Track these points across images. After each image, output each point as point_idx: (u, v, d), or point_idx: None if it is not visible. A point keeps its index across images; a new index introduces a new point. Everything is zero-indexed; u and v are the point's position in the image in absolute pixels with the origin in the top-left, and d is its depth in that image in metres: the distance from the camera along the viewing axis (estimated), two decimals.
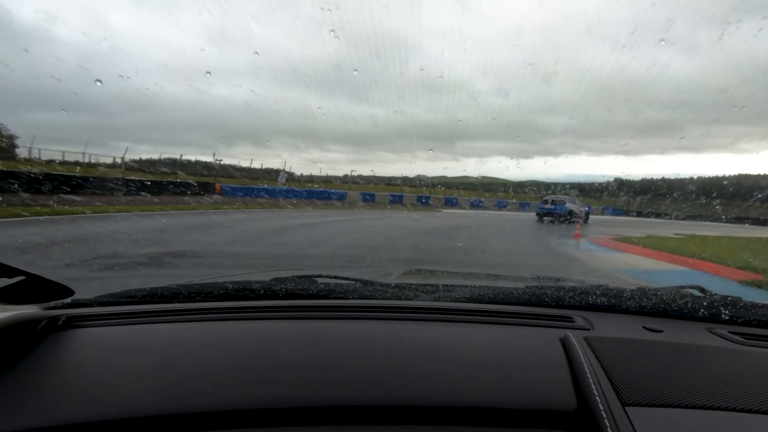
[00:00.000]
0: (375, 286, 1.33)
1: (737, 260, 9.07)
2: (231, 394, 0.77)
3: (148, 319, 1.05)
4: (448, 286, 1.37)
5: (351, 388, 0.78)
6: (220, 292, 1.24)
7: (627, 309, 1.22)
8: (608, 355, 0.87)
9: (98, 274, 5.52)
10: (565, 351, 0.92)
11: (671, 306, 1.20)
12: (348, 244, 10.15)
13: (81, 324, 1.00)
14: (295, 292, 1.26)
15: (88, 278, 5.20)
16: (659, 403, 0.71)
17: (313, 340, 0.95)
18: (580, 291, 1.29)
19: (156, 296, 1.21)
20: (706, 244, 14.49)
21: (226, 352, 0.90)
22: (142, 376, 0.81)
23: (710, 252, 10.91)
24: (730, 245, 14.15)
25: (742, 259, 9.01)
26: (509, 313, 1.15)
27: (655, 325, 1.11)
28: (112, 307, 1.12)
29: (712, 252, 10.98)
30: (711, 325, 1.15)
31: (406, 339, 0.97)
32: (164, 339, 0.96)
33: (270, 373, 0.82)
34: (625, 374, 0.79)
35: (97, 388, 0.78)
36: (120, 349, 0.92)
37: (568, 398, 0.77)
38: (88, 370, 0.85)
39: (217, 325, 1.05)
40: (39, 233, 8.77)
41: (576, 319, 1.13)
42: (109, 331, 0.99)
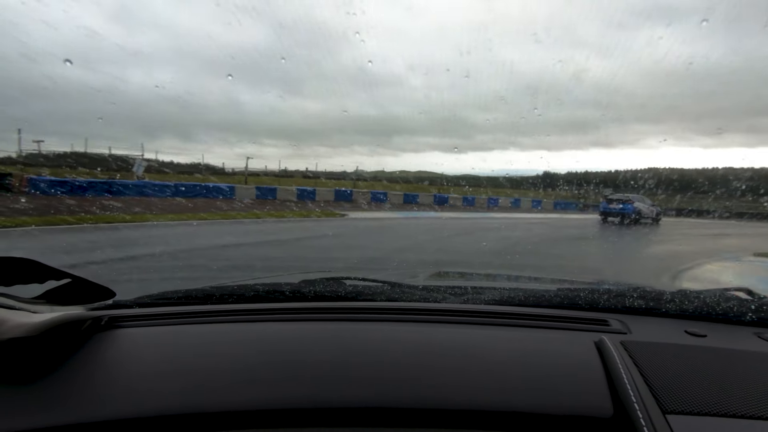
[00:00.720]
0: (402, 288, 1.33)
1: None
2: (261, 393, 0.78)
3: (183, 320, 1.08)
4: (476, 288, 1.36)
5: (378, 390, 0.78)
6: (251, 294, 1.26)
7: (667, 312, 1.17)
8: (647, 360, 0.84)
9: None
10: (600, 355, 0.89)
11: (716, 309, 1.15)
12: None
13: (122, 324, 1.03)
14: (323, 293, 1.27)
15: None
16: (702, 411, 0.68)
17: (341, 342, 0.96)
18: (616, 293, 1.25)
19: (190, 298, 1.24)
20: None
21: (257, 353, 0.92)
22: (178, 374, 0.84)
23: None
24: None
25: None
26: (541, 316, 1.13)
27: (698, 329, 1.06)
28: (150, 309, 1.15)
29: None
30: (760, 330, 1.09)
31: (434, 342, 0.96)
32: (198, 339, 0.99)
33: (298, 373, 0.83)
34: (666, 380, 0.76)
35: (137, 385, 0.82)
36: (157, 348, 0.95)
37: (603, 404, 0.75)
38: (129, 368, 0.88)
39: (248, 326, 1.06)
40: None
41: (611, 323, 1.10)
42: (148, 332, 1.02)
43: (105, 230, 10.60)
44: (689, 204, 26.42)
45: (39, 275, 0.92)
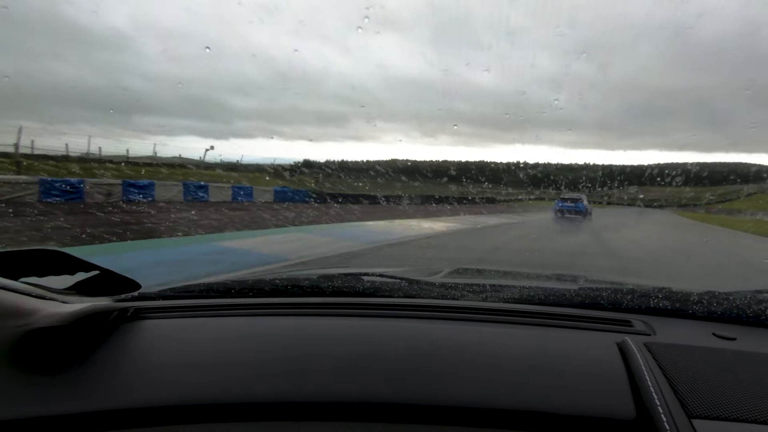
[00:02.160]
0: (421, 285, 1.33)
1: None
2: (278, 386, 0.79)
3: (205, 313, 1.11)
4: (495, 286, 1.34)
5: (395, 386, 0.78)
6: (270, 288, 1.29)
7: (693, 314, 1.13)
8: (672, 362, 0.82)
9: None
10: (622, 357, 0.87)
11: (746, 311, 1.11)
12: None
13: (146, 316, 1.07)
14: (342, 289, 1.28)
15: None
16: (730, 417, 0.66)
17: (358, 337, 0.96)
18: (640, 293, 1.22)
19: (212, 291, 1.28)
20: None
21: (275, 346, 0.93)
22: (198, 365, 0.87)
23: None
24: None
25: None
26: (561, 315, 1.11)
27: (727, 332, 1.02)
28: (173, 301, 1.19)
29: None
30: None
31: (452, 339, 0.96)
32: (218, 332, 1.02)
33: (315, 367, 0.84)
34: (692, 384, 0.74)
35: (160, 375, 0.84)
36: (179, 340, 0.98)
37: (626, 406, 0.73)
38: (152, 358, 0.91)
39: (266, 320, 1.08)
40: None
41: (635, 324, 1.07)
42: (170, 323, 1.06)
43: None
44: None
45: (69, 267, 0.96)
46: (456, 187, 33.01)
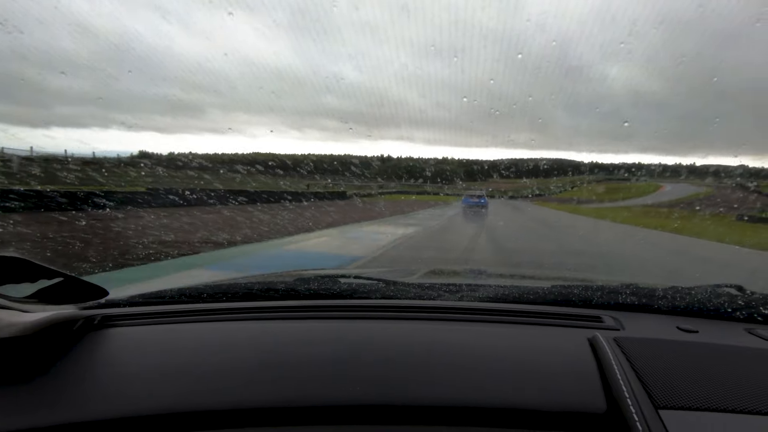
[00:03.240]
0: (398, 286, 1.33)
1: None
2: (256, 391, 0.78)
3: (176, 319, 1.07)
4: (471, 286, 1.36)
5: (373, 388, 0.79)
6: (245, 292, 1.25)
7: (659, 309, 1.18)
8: (640, 356, 0.85)
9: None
10: (593, 352, 0.90)
11: (707, 305, 1.16)
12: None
13: (115, 323, 1.03)
14: (318, 291, 1.26)
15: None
16: (694, 406, 0.69)
17: (336, 340, 0.96)
18: (609, 290, 1.27)
19: (184, 296, 1.23)
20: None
21: (250, 352, 0.91)
22: (171, 373, 0.84)
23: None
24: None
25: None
26: (534, 312, 1.14)
27: (690, 325, 1.07)
28: (143, 307, 1.15)
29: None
30: (750, 326, 1.10)
31: (429, 339, 0.97)
32: (191, 338, 0.99)
33: (293, 372, 0.83)
34: (658, 376, 0.77)
35: (130, 385, 0.81)
36: (151, 347, 0.95)
37: (597, 400, 0.75)
38: (122, 367, 0.87)
39: (242, 324, 1.06)
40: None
41: (605, 319, 1.11)
42: (140, 331, 1.02)
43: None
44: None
45: (30, 274, 0.91)
46: (308, 181, 31.82)
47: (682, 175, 56.35)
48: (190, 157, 25.68)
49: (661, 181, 61.54)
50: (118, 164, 22.52)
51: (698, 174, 54.60)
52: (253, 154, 29.09)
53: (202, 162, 20.89)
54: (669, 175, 56.12)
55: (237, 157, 27.91)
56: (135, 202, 15.27)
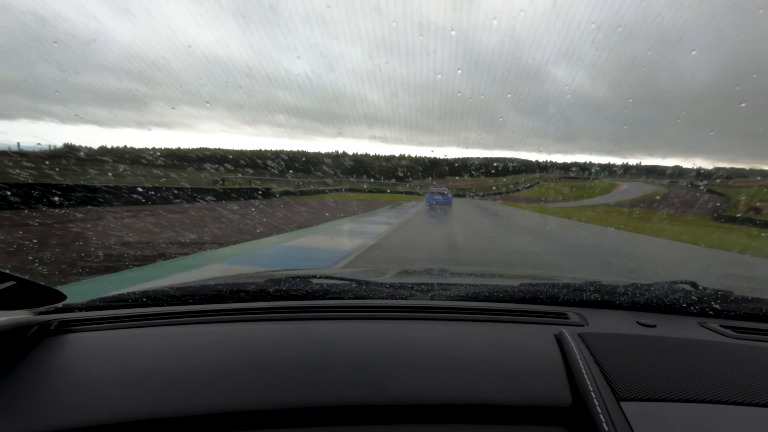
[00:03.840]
0: (370, 286, 1.34)
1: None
2: (225, 396, 0.76)
3: (140, 323, 1.04)
4: (443, 285, 1.38)
5: (347, 389, 0.78)
6: (214, 294, 1.22)
7: (620, 305, 1.24)
8: (603, 350, 0.88)
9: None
10: (560, 347, 0.93)
11: (664, 301, 1.22)
12: None
13: (73, 329, 0.98)
14: (290, 292, 1.25)
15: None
16: (653, 397, 0.72)
17: (308, 341, 0.95)
18: (574, 288, 1.31)
19: (148, 299, 1.19)
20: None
21: (220, 355, 0.89)
22: (135, 380, 0.81)
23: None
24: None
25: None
26: (504, 310, 1.17)
27: (649, 320, 1.13)
28: (104, 311, 1.10)
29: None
30: (703, 320, 1.17)
31: (402, 338, 0.98)
32: (157, 342, 0.95)
33: (265, 374, 0.82)
34: (620, 369, 0.80)
35: (90, 393, 0.78)
36: (112, 353, 0.91)
37: (563, 394, 0.78)
38: (81, 375, 0.84)
39: (210, 327, 1.03)
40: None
41: (570, 316, 1.15)
42: (102, 336, 0.98)
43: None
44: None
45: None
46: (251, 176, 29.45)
47: (630, 175, 58.57)
48: (121, 151, 23.69)
49: (615, 180, 63.33)
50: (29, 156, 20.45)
51: (648, 173, 57.42)
52: (199, 149, 27.68)
53: (123, 156, 19.24)
54: (620, 174, 58.28)
55: (179, 152, 26.20)
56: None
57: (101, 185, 15.43)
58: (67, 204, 13.56)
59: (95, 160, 18.09)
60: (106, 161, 16.00)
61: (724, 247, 12.15)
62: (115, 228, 9.55)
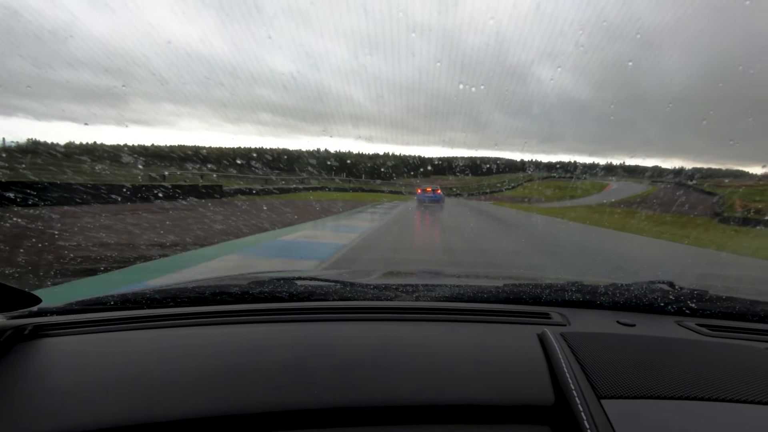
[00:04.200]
0: (355, 287, 1.33)
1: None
2: (208, 400, 0.75)
3: (120, 327, 1.01)
4: (427, 286, 1.38)
5: (332, 391, 0.78)
6: (196, 296, 1.20)
7: (601, 304, 1.26)
8: (584, 349, 0.90)
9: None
10: (542, 347, 0.94)
11: (642, 300, 1.25)
12: None
13: (49, 333, 0.96)
14: (274, 294, 1.24)
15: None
16: (632, 395, 0.74)
17: (293, 343, 0.95)
18: (557, 288, 1.33)
19: (128, 302, 1.16)
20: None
21: (203, 358, 0.88)
22: (115, 385, 0.79)
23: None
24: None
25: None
26: (488, 311, 1.18)
27: (628, 319, 1.15)
28: (82, 315, 1.07)
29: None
30: (680, 318, 1.20)
31: (387, 339, 0.98)
32: (137, 346, 0.93)
33: (249, 377, 0.81)
34: (600, 368, 0.81)
35: (67, 399, 0.75)
36: (91, 358, 0.89)
37: (546, 393, 0.79)
38: (57, 381, 0.81)
39: (193, 330, 1.01)
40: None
41: (553, 316, 1.16)
42: (79, 340, 0.95)
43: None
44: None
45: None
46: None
47: (616, 175, 58.15)
48: (91, 148, 22.69)
49: (599, 179, 62.44)
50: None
51: (630, 173, 57.60)
52: (179, 147, 26.68)
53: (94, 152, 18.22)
54: (602, 174, 57.94)
55: (153, 150, 25.10)
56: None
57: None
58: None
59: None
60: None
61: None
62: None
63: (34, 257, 5.72)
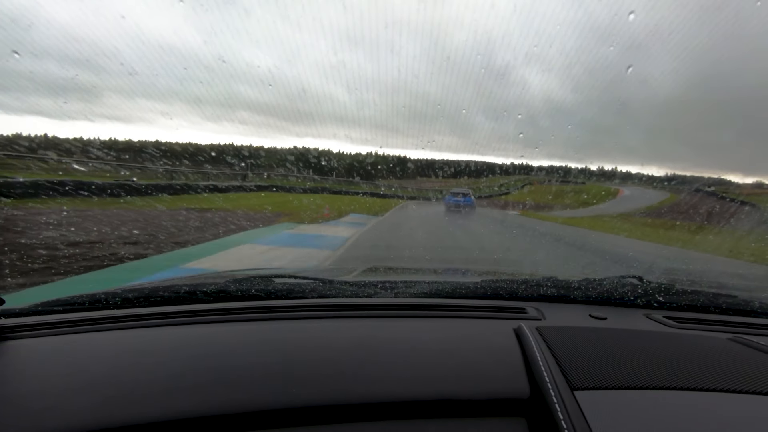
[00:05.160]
0: (334, 285, 1.33)
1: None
2: (185, 401, 0.74)
3: (90, 327, 0.98)
4: (407, 283, 1.40)
5: (311, 388, 0.78)
6: (171, 295, 1.18)
7: (575, 299, 1.30)
8: (558, 343, 0.92)
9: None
10: (518, 341, 0.96)
11: (613, 295, 1.29)
12: None
13: (13, 335, 0.93)
14: (251, 292, 1.22)
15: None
16: (604, 386, 0.76)
17: (271, 342, 0.94)
18: (533, 283, 1.36)
19: (98, 302, 1.13)
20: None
21: (177, 359, 0.86)
22: (85, 388, 0.76)
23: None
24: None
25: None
26: (466, 306, 1.19)
27: (600, 313, 1.19)
28: (49, 316, 1.03)
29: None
30: (648, 311, 1.24)
31: (366, 336, 0.98)
32: (108, 347, 0.91)
33: (226, 377, 0.80)
34: (574, 361, 0.84)
35: (34, 403, 0.72)
36: (58, 360, 0.86)
37: (522, 386, 0.80)
38: (23, 384, 0.78)
39: (165, 330, 0.99)
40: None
41: (529, 310, 1.19)
42: (46, 342, 0.92)
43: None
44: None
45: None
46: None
47: (617, 179, 56.33)
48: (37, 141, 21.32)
49: (600, 183, 57.96)
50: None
51: (628, 178, 56.24)
52: (153, 142, 25.32)
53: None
54: (604, 179, 55.14)
55: (121, 145, 23.59)
56: None
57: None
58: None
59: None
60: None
61: None
62: None
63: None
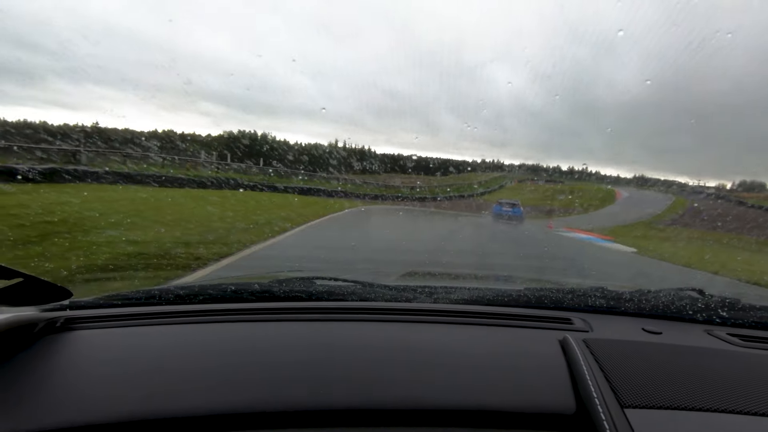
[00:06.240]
0: (374, 288, 1.34)
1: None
2: (228, 396, 0.76)
3: (145, 321, 1.04)
4: (446, 288, 1.38)
5: (350, 390, 0.78)
6: (218, 293, 1.23)
7: (626, 311, 1.23)
8: (607, 357, 0.87)
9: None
10: (564, 353, 0.92)
11: (670, 308, 1.22)
12: None
13: (79, 326, 0.99)
14: (294, 293, 1.25)
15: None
16: (658, 405, 0.71)
17: (312, 342, 0.95)
18: (579, 293, 1.30)
19: (153, 298, 1.19)
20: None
21: (223, 355, 0.89)
22: (138, 378, 0.81)
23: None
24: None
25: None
26: (508, 315, 1.16)
27: (654, 327, 1.12)
28: (110, 309, 1.10)
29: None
30: (709, 327, 1.16)
31: (405, 341, 0.97)
32: (160, 341, 0.96)
33: (267, 375, 0.82)
34: (624, 376, 0.79)
35: (94, 390, 0.78)
36: (117, 351, 0.91)
37: (567, 401, 0.77)
38: (86, 372, 0.84)
39: (214, 327, 1.03)
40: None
41: (575, 321, 1.14)
42: (107, 333, 0.98)
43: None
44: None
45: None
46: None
47: (606, 181, 50.99)
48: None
49: (583, 182, 52.13)
50: None
51: (618, 180, 51.31)
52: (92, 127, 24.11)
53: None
54: (574, 177, 50.17)
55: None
56: None
57: None
58: None
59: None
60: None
61: None
62: None
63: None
